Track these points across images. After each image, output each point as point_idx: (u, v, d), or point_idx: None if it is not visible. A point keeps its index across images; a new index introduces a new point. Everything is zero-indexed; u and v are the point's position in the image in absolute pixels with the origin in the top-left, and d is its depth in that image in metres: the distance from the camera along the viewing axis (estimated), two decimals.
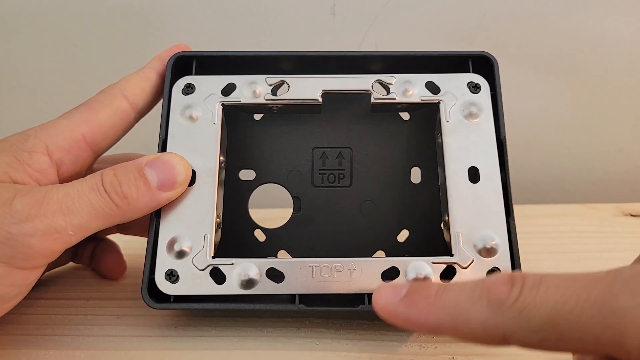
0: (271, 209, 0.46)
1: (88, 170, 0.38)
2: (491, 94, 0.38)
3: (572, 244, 0.50)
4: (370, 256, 0.41)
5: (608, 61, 0.63)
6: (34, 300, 0.40)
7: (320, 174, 0.41)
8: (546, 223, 0.54)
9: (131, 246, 0.48)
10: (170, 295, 0.35)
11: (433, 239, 0.40)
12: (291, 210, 0.41)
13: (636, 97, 0.65)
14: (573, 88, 0.64)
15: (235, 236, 0.41)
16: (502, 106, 0.38)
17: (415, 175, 0.41)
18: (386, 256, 0.41)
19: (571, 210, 0.57)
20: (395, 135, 0.41)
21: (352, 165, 0.41)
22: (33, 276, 0.33)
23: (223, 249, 0.39)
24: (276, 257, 0.41)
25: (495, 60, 0.39)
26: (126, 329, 0.36)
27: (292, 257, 0.41)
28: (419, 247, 0.40)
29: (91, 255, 0.45)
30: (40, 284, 0.43)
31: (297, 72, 0.40)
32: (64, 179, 0.36)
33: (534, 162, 0.67)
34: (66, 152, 0.36)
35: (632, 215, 0.56)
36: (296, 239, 0.41)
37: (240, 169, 0.41)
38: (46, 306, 0.39)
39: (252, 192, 0.41)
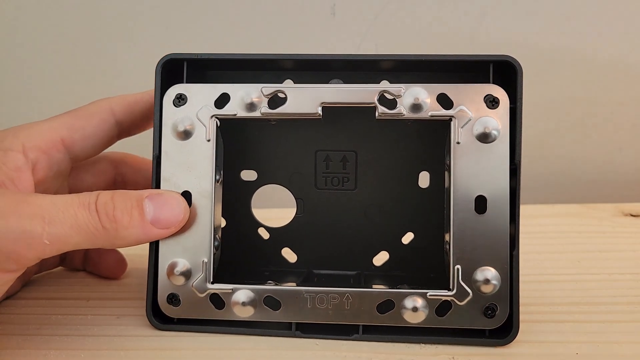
0: (275, 208, 0.46)
1: (65, 177, 0.38)
2: (510, 107, 0.34)
3: (572, 244, 0.50)
4: (374, 256, 0.41)
5: (608, 61, 0.63)
6: (34, 300, 0.40)
7: (323, 176, 0.40)
8: (546, 223, 0.54)
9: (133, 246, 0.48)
10: (173, 317, 0.36)
11: (437, 242, 0.39)
12: (294, 210, 0.41)
13: (636, 97, 0.65)
14: (573, 88, 0.64)
15: (239, 234, 0.41)
16: (520, 124, 0.34)
17: (424, 179, 0.40)
18: (390, 257, 0.41)
19: (571, 210, 0.57)
20: (403, 139, 0.40)
21: (357, 169, 0.40)
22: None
23: (228, 248, 0.39)
24: (280, 254, 0.41)
25: (520, 67, 0.34)
26: (126, 329, 0.36)
27: (296, 254, 0.41)
28: (422, 250, 0.40)
29: (84, 259, 0.44)
30: (41, 284, 0.43)
31: (298, 70, 0.39)
32: (39, 180, 0.36)
33: (534, 162, 0.67)
34: (42, 152, 0.35)
35: (632, 215, 0.56)
36: (300, 237, 0.41)
37: (242, 170, 0.41)
38: (46, 306, 0.39)
39: (254, 192, 0.41)
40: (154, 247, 0.36)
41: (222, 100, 0.35)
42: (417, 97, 0.34)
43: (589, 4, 0.62)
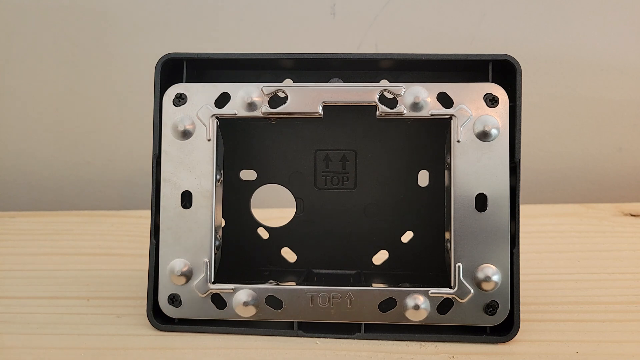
0: (274, 208, 0.46)
1: None
2: (510, 106, 0.34)
3: (572, 244, 0.50)
4: (374, 255, 0.41)
5: (608, 61, 0.63)
6: (35, 299, 0.40)
7: (323, 176, 0.41)
8: (546, 223, 0.54)
9: (133, 246, 0.48)
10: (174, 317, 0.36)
11: (437, 240, 0.40)
12: (294, 209, 0.41)
13: (636, 97, 0.65)
14: (573, 88, 0.65)
15: (238, 234, 0.41)
16: (520, 122, 0.34)
17: (423, 178, 0.40)
18: (389, 255, 0.41)
19: (571, 210, 0.57)
20: (402, 137, 0.40)
21: (357, 168, 0.40)
22: None
23: (227, 248, 0.39)
24: (280, 253, 0.41)
25: (519, 65, 0.34)
26: (126, 328, 0.36)
27: (296, 253, 0.41)
28: (422, 248, 0.40)
29: None
30: (41, 284, 0.43)
31: (297, 69, 0.39)
32: None
33: (534, 162, 0.67)
34: None
35: (632, 215, 0.56)
36: (299, 237, 0.41)
37: (241, 169, 0.41)
38: (47, 305, 0.39)
39: (253, 192, 0.41)
40: (154, 247, 0.36)
41: (223, 100, 0.35)
42: (417, 96, 0.34)
43: (588, 4, 0.62)
